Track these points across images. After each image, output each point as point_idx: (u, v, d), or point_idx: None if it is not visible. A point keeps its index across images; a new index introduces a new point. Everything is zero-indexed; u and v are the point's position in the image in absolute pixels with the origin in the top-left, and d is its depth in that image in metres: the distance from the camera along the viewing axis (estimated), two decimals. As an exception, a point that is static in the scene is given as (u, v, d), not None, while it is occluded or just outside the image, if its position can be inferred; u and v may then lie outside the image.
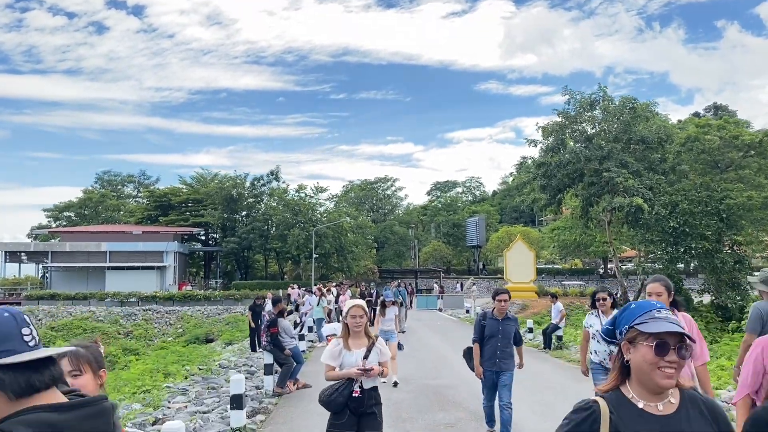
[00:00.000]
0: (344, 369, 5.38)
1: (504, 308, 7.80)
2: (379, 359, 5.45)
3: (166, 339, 43.14)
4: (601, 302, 7.53)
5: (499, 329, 7.78)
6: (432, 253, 77.82)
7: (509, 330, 7.85)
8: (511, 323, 7.94)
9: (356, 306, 5.48)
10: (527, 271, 38.20)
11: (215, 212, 61.37)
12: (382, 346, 5.59)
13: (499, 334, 7.76)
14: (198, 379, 14.11)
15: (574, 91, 39.84)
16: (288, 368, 11.66)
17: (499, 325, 7.81)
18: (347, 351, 5.44)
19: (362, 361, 5.33)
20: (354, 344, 5.46)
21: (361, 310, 5.46)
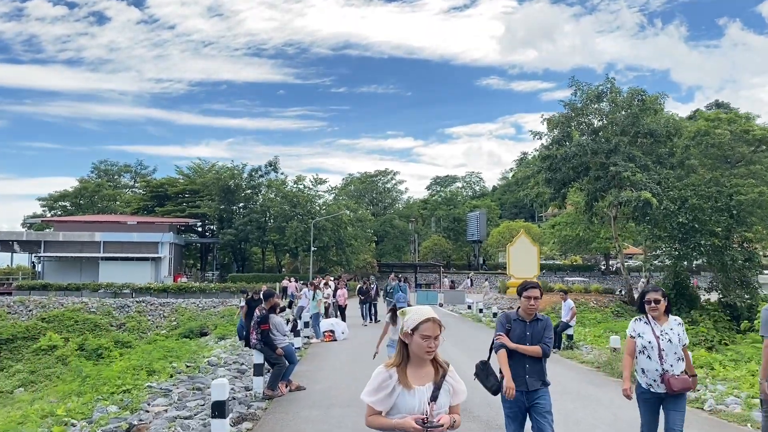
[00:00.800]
0: (398, 416, 3.35)
1: (534, 307, 5.90)
2: (450, 401, 3.50)
3: (160, 332, 42.16)
4: (652, 305, 5.95)
5: (528, 335, 5.89)
6: (432, 247, 76.84)
7: (540, 335, 5.93)
8: (543, 327, 5.94)
9: (431, 321, 3.38)
10: (531, 266, 37.19)
11: (212, 203, 60.27)
12: (456, 380, 3.55)
13: (527, 341, 5.88)
14: (184, 378, 13.10)
15: (580, 82, 38.79)
16: (280, 369, 10.65)
17: (527, 329, 5.90)
18: (404, 388, 3.39)
19: (428, 405, 3.36)
20: (415, 377, 3.41)
21: (437, 328, 3.40)
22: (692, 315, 33.54)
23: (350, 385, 11.44)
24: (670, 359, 5.75)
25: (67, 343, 37.82)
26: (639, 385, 5.98)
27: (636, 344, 5.96)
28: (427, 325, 3.37)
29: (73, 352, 36.13)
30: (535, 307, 5.92)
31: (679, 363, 5.79)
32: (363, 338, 19.63)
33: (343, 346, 17.49)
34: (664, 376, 5.69)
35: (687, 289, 36.17)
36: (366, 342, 18.30)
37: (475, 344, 18.25)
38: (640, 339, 5.94)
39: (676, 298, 35.40)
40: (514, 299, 35.62)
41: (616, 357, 13.27)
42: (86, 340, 38.12)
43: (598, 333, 19.99)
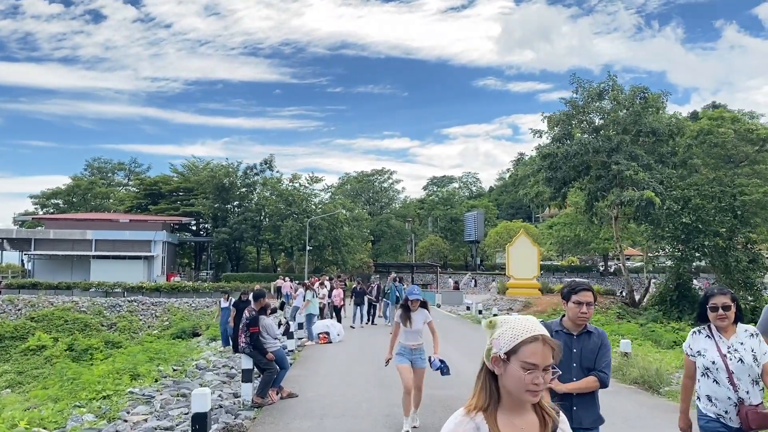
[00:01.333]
0: None
1: (586, 317, 4.16)
2: None
3: (152, 332, 41.33)
4: (720, 313, 4.42)
5: (575, 353, 4.15)
6: (429, 247, 76.11)
7: (592, 355, 4.17)
8: (596, 344, 4.20)
9: (540, 341, 2.09)
10: (530, 266, 36.45)
11: (206, 201, 59.40)
12: None
13: (574, 362, 4.14)
14: (168, 383, 12.31)
15: (582, 79, 38.10)
16: (270, 375, 9.86)
17: (573, 345, 4.16)
18: None
19: None
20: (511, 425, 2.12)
21: (549, 353, 2.08)
22: (695, 317, 32.88)
23: (345, 393, 10.67)
24: (744, 384, 4.34)
25: (56, 343, 36.95)
26: (703, 414, 4.53)
27: (696, 365, 4.58)
28: (534, 347, 2.07)
29: (62, 352, 35.27)
30: (588, 316, 4.16)
31: (755, 389, 4.36)
32: (359, 340, 18.87)
33: (339, 349, 16.72)
34: (741, 407, 4.31)
35: (690, 290, 35.50)
36: (362, 344, 17.54)
37: (477, 346, 17.51)
38: (701, 358, 4.50)
39: (678, 300, 34.71)
40: (513, 300, 34.90)
41: (627, 362, 12.53)
42: (76, 340, 37.30)
43: (604, 336, 19.24)
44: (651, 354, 14.04)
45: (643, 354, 13.76)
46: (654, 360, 12.87)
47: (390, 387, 11.06)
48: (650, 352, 14.93)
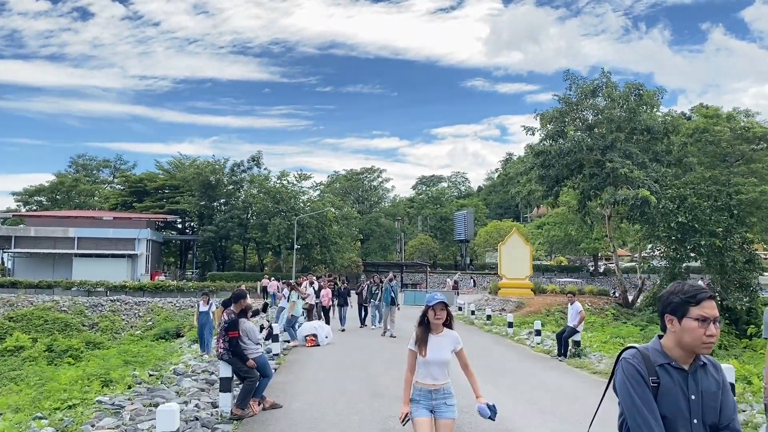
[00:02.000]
0: None
1: (713, 341, 2.67)
2: None
3: (134, 332, 40.21)
4: None
5: (694, 401, 2.65)
6: (418, 246, 75.29)
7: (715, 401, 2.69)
8: (717, 385, 2.72)
9: None
10: (523, 266, 35.70)
11: (192, 199, 58.23)
12: None
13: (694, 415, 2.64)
14: (142, 390, 11.32)
15: (576, 76, 37.46)
16: (251, 384, 8.95)
17: (688, 387, 2.66)
18: None
19: None
20: None
21: None
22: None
23: (335, 403, 9.77)
24: None
25: (35, 343, 35.75)
26: None
27: None
28: None
29: (41, 353, 34.09)
30: (716, 340, 2.69)
31: None
32: (349, 343, 17.96)
33: (327, 353, 15.81)
34: None
35: (684, 291, 34.90)
36: (352, 348, 16.65)
37: (473, 350, 16.64)
38: None
39: (673, 301, 34.13)
40: (506, 300, 34.12)
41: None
42: (55, 341, 36.07)
43: (604, 338, 18.48)
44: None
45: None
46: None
47: (384, 396, 10.18)
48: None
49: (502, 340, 19.81)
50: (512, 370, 13.22)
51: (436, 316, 5.00)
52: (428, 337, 5.07)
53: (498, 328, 23.14)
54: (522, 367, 13.74)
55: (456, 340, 5.13)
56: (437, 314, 5.00)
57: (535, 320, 23.25)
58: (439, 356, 5.06)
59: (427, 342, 5.07)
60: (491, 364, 14.04)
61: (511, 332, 21.12)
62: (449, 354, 5.12)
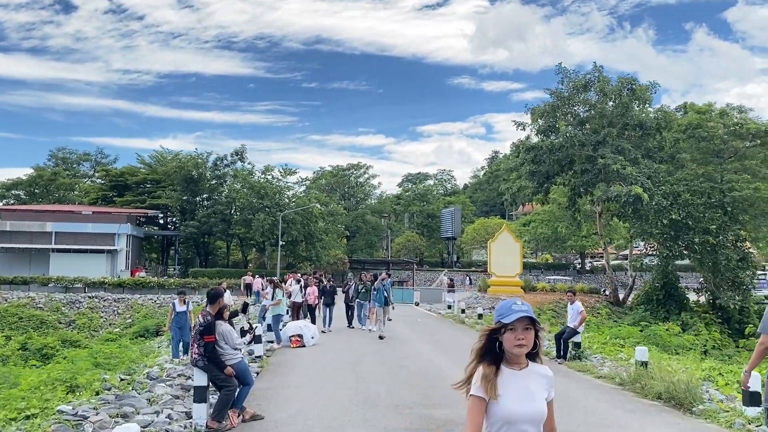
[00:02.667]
0: None
1: None
2: None
3: (113, 330, 39.00)
4: None
5: None
6: (405, 244, 74.52)
7: None
8: None
9: None
10: (513, 263, 34.93)
11: (174, 194, 56.85)
12: None
13: None
14: (110, 397, 10.29)
15: (568, 70, 36.72)
16: (229, 393, 7.98)
17: None
18: None
19: None
20: None
21: None
22: (682, 317, 31.74)
23: (323, 412, 8.83)
24: None
25: (8, 342, 34.48)
26: None
27: None
28: None
29: (14, 351, 32.80)
30: None
31: None
32: (336, 344, 17.01)
33: (314, 355, 14.86)
34: None
35: (676, 290, 34.38)
36: (340, 349, 15.71)
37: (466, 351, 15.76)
38: None
39: (665, 300, 33.59)
40: (495, 298, 33.31)
41: (645, 373, 10.89)
42: (30, 339, 34.76)
43: (603, 339, 17.66)
44: (666, 362, 12.43)
45: (658, 362, 12.13)
46: (674, 370, 11.27)
47: (376, 405, 9.25)
48: (663, 359, 13.36)
49: (496, 341, 18.96)
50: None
51: (518, 341, 2.86)
52: (505, 377, 2.92)
53: (490, 327, 22.31)
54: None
55: (550, 382, 3.04)
56: (520, 337, 2.86)
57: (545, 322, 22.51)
58: (530, 409, 2.91)
59: (503, 385, 2.89)
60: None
61: (505, 332, 20.27)
62: (543, 404, 2.97)
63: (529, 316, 2.85)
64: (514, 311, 2.85)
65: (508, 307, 2.90)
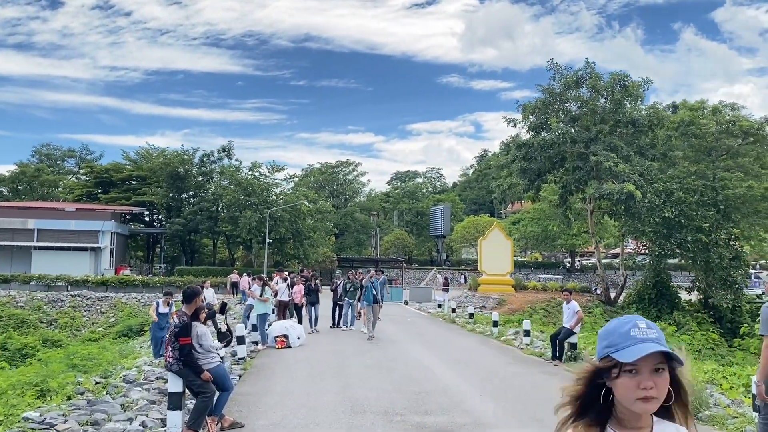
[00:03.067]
0: None
1: None
2: None
3: (96, 329, 38.18)
4: None
5: None
6: (394, 242, 73.98)
7: None
8: None
9: None
10: (504, 262, 34.47)
11: (159, 190, 55.96)
12: None
13: None
14: (82, 403, 9.65)
15: (560, 65, 36.30)
16: (205, 400, 7.37)
17: None
18: None
19: None
20: None
21: None
22: (675, 316, 31.39)
23: (307, 421, 8.23)
24: None
25: (-13, 341, 33.52)
26: None
27: None
28: None
29: (-7, 352, 31.93)
30: None
31: None
32: (322, 345, 16.42)
33: (299, 356, 14.25)
34: None
35: (668, 289, 34.07)
36: (327, 351, 15.12)
37: (458, 353, 15.24)
38: None
39: (657, 299, 33.27)
40: (486, 297, 32.86)
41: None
42: (10, 338, 33.85)
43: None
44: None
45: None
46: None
47: (365, 411, 8.67)
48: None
49: (488, 341, 18.44)
50: (507, 379, 11.81)
51: (642, 391, 1.64)
52: None
53: (482, 327, 21.79)
54: (517, 374, 12.34)
55: None
56: (646, 385, 1.64)
57: (522, 319, 21.97)
58: None
59: None
60: (482, 371, 12.63)
61: (497, 332, 19.78)
62: None
63: (667, 351, 1.66)
64: (636, 341, 1.67)
65: (625, 331, 1.70)
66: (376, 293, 17.51)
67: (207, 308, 8.91)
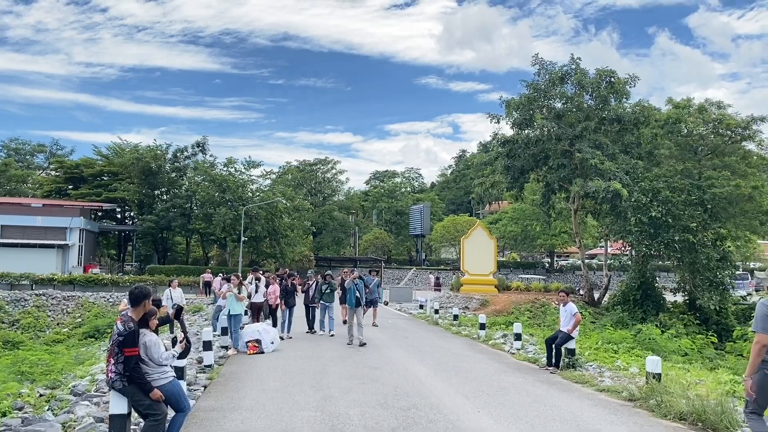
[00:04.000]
0: None
1: None
2: None
3: (61, 330, 36.45)
4: None
5: None
6: (372, 241, 72.87)
7: None
8: None
9: None
10: (487, 261, 33.45)
11: (131, 186, 54.06)
12: None
13: None
14: (15, 422, 8.30)
15: (545, 60, 35.39)
16: (155, 424, 6.10)
17: None
18: None
19: None
20: None
21: None
22: (661, 318, 30.62)
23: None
24: None
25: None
26: None
27: None
28: None
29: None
30: None
31: None
32: (297, 351, 15.17)
33: (272, 364, 12.99)
34: None
35: (654, 290, 33.31)
36: (302, 358, 13.86)
37: (446, 359, 14.10)
38: None
39: (642, 300, 32.47)
40: (469, 297, 31.79)
41: (659, 388, 9.32)
42: (-33, 341, 32.10)
43: (594, 344, 16.15)
44: (679, 373, 10.89)
45: (669, 373, 10.58)
46: (689, 383, 9.75)
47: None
48: (674, 369, 11.83)
49: (475, 345, 17.33)
50: (503, 390, 10.66)
51: None
52: None
53: (467, 329, 20.69)
54: (513, 385, 11.20)
55: None
56: None
57: (509, 321, 20.95)
58: None
59: None
60: (474, 380, 11.48)
61: (484, 335, 18.69)
62: None
63: None
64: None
65: None
66: (360, 295, 16.20)
67: (175, 309, 7.64)
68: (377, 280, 20.71)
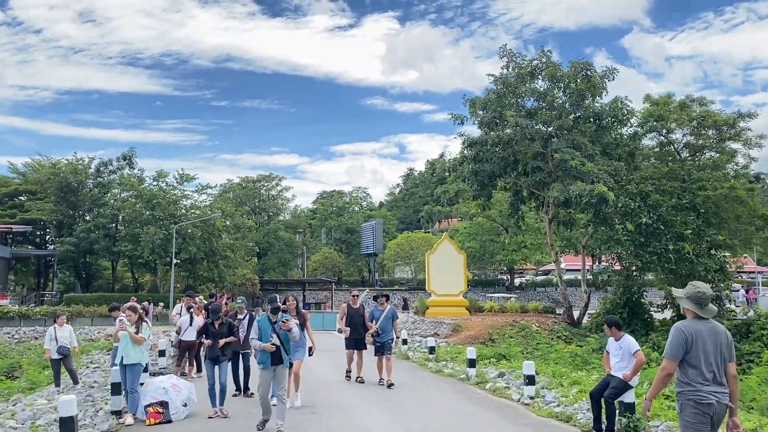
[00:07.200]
0: None
1: None
2: None
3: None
4: None
5: None
6: (322, 261, 67.98)
7: None
8: None
9: None
10: (456, 280, 29.13)
11: (47, 206, 47.82)
12: None
13: None
14: None
15: (514, 52, 31.76)
16: None
17: None
18: None
19: None
20: None
21: None
22: (652, 338, 26.91)
23: None
24: None
25: None
26: None
27: None
28: None
29: None
30: None
31: None
32: (224, 419, 10.36)
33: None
34: None
35: (641, 306, 29.70)
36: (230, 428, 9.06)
37: (438, 422, 9.52)
38: None
39: (629, 319, 28.69)
40: (438, 322, 27.30)
41: None
42: None
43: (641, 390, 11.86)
44: None
45: None
46: None
47: None
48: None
49: (469, 391, 12.86)
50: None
51: None
52: None
53: (450, 366, 16.23)
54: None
55: None
56: None
57: (504, 354, 16.63)
58: None
59: None
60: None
61: (474, 374, 14.28)
62: None
63: None
64: None
65: None
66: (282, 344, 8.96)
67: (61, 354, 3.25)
68: (391, 309, 14.31)
